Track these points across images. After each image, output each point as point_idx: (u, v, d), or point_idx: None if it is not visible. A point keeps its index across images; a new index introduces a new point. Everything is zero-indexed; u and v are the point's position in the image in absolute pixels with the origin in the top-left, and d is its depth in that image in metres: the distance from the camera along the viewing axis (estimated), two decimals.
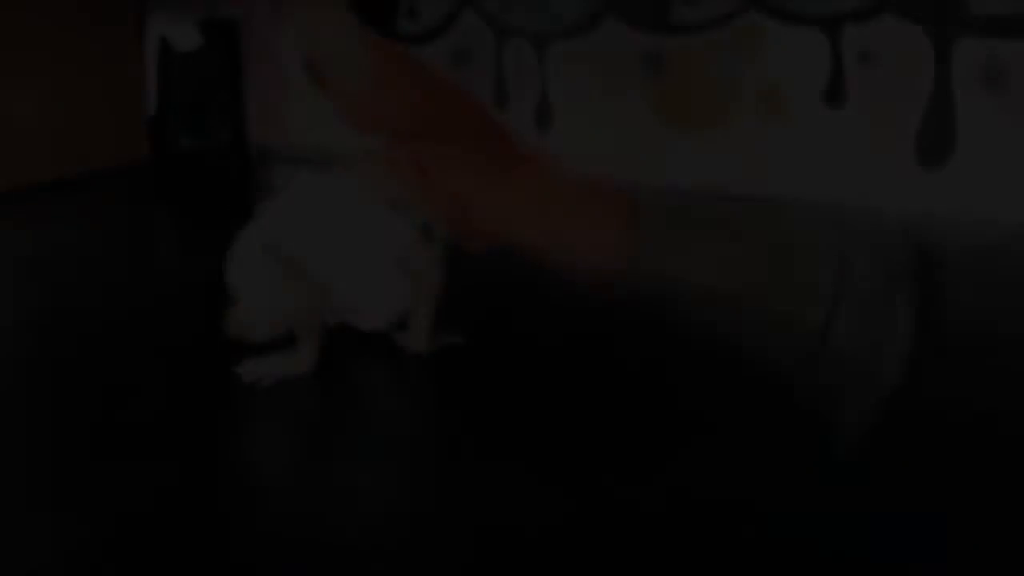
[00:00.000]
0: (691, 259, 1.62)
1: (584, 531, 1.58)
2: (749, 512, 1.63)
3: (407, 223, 1.85)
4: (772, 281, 1.60)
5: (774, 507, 1.65)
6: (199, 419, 2.04)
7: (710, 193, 4.08)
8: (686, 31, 4.04)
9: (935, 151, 3.70)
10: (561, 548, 1.53)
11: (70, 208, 4.09)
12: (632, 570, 1.47)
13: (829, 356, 1.57)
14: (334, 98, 1.72)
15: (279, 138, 5.02)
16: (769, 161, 4.01)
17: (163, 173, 4.78)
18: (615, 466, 1.78)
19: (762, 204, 3.81)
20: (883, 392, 1.59)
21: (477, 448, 1.85)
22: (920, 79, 3.66)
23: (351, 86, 1.69)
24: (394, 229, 1.86)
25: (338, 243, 1.85)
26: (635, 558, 1.50)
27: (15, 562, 1.51)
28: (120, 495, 1.71)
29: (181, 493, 1.72)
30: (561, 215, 1.66)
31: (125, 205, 4.26)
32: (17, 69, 4.21)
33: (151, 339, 2.54)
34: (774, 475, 1.76)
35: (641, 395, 2.09)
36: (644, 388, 2.13)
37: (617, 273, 1.67)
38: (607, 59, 4.21)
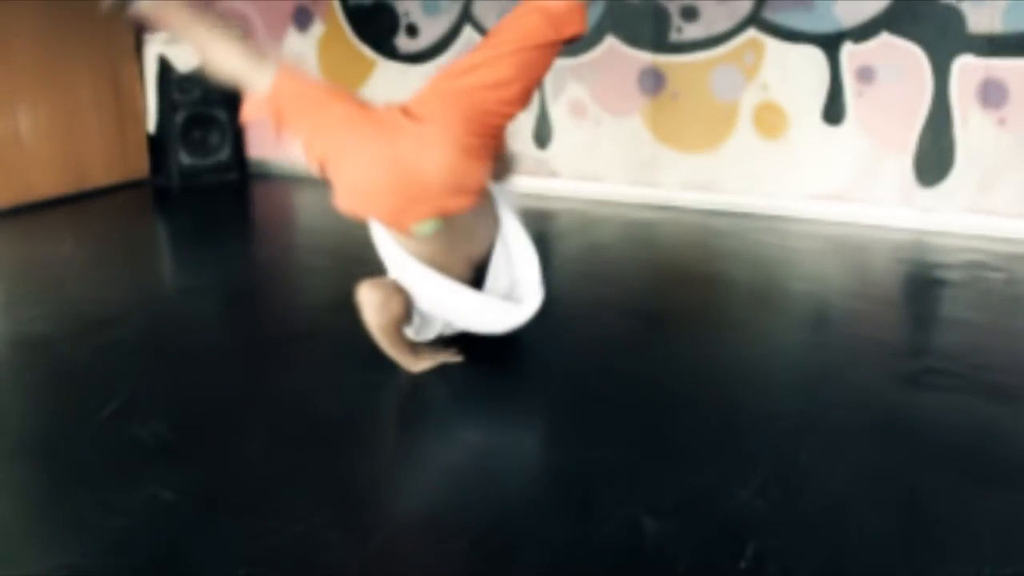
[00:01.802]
0: None
1: None
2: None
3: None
4: None
5: None
6: (206, 423, 2.05)
7: (707, 209, 4.09)
8: (685, 49, 4.05)
9: (933, 167, 3.70)
10: None
11: (74, 223, 4.11)
12: None
13: None
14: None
15: (277, 155, 5.03)
16: (767, 178, 4.02)
17: (163, 190, 4.80)
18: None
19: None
20: None
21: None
22: (918, 97, 3.67)
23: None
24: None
25: None
26: None
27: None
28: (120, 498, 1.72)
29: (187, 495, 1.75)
30: None
31: (126, 220, 4.28)
32: (23, 91, 4.26)
33: (152, 348, 2.57)
34: None
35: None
36: None
37: None
38: (606, 76, 4.22)
